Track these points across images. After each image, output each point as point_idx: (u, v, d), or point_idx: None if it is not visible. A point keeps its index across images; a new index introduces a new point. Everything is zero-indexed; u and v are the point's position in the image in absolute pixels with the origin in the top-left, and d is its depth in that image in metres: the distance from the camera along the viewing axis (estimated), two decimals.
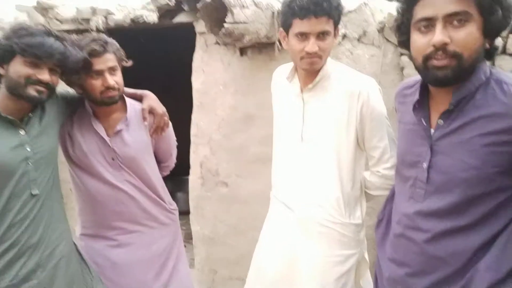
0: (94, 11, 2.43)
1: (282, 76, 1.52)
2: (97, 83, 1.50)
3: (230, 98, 2.35)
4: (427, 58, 1.00)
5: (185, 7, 2.23)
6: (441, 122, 1.07)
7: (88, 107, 1.60)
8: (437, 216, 1.07)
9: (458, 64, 0.97)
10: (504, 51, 1.89)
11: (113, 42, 1.55)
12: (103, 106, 1.57)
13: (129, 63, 1.62)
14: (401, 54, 2.10)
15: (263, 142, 2.25)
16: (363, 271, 1.54)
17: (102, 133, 1.59)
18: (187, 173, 2.61)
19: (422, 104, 1.13)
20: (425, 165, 1.09)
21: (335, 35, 1.37)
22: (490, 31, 0.96)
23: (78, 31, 2.37)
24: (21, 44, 1.29)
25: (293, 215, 1.50)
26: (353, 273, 1.48)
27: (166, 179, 1.81)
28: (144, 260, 1.69)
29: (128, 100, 1.66)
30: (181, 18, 2.34)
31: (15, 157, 1.31)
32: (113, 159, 1.60)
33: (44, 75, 1.33)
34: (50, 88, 1.37)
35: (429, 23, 0.98)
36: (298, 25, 1.31)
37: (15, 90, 1.32)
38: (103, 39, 1.52)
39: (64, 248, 1.46)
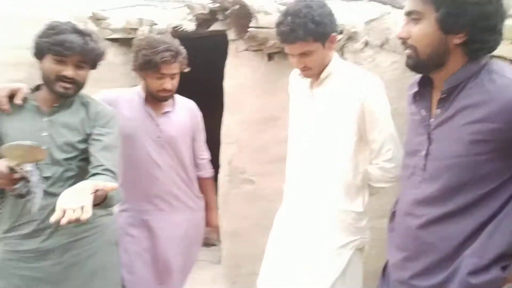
0: (141, 22, 2.73)
1: (296, 74, 1.65)
2: (157, 83, 1.76)
3: (256, 100, 2.49)
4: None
5: (219, 17, 2.45)
6: (438, 111, 1.13)
7: (142, 93, 1.84)
8: (428, 202, 1.13)
9: (416, 55, 1.11)
10: None
11: (182, 51, 1.78)
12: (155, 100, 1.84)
13: (187, 69, 1.85)
14: None
15: (286, 142, 2.35)
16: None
17: (152, 113, 1.83)
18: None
19: (423, 96, 1.20)
20: (423, 153, 1.15)
21: (329, 46, 1.45)
22: (445, 27, 1.05)
23: (127, 39, 2.67)
24: (48, 42, 1.36)
25: (298, 202, 1.59)
26: (354, 260, 1.52)
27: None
28: (172, 238, 1.87)
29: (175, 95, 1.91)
30: (215, 26, 2.54)
31: (32, 139, 1.29)
32: (158, 137, 1.82)
33: (69, 71, 1.39)
34: (77, 83, 1.43)
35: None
36: (284, 46, 1.48)
37: (48, 84, 1.42)
38: (175, 47, 1.74)
39: None
